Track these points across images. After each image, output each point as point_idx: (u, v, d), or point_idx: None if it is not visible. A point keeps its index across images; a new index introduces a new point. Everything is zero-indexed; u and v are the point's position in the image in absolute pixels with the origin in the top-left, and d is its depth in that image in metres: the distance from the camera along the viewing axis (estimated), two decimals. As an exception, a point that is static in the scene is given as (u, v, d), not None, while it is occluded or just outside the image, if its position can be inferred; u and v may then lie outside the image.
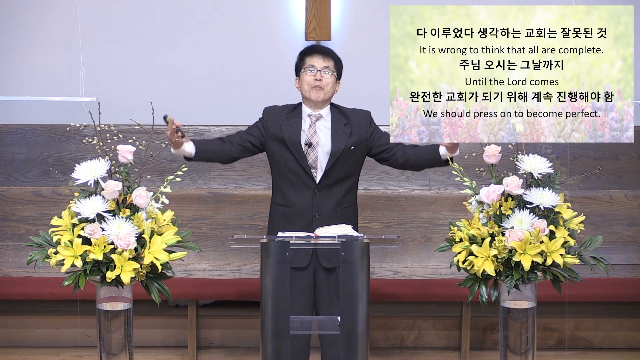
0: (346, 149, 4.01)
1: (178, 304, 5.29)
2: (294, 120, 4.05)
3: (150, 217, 3.54)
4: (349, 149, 4.02)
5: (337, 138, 4.02)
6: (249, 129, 4.13)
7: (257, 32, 5.60)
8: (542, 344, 5.02)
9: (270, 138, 4.05)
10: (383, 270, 5.26)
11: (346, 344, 3.45)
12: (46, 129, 5.43)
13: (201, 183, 5.41)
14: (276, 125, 4.05)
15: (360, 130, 4.05)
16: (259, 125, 4.11)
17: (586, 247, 3.64)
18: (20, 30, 5.57)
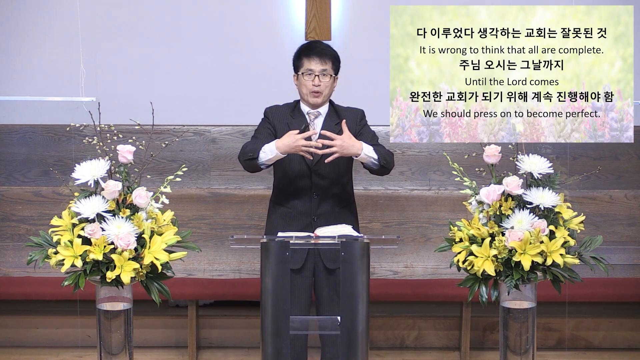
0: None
1: (178, 304, 5.28)
2: (299, 118, 4.04)
3: (150, 217, 3.54)
4: None
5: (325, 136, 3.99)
6: (261, 131, 4.06)
7: (257, 32, 5.60)
8: (542, 344, 5.02)
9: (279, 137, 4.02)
10: (383, 270, 5.26)
11: (346, 344, 3.45)
12: (46, 129, 5.43)
13: (201, 183, 5.41)
14: (284, 125, 4.03)
15: (350, 126, 4.01)
16: (267, 126, 4.06)
17: (586, 247, 3.64)
18: (20, 30, 5.57)
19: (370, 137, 4.02)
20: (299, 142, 3.81)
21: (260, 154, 3.89)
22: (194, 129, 5.41)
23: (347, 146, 3.85)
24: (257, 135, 4.07)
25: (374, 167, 3.92)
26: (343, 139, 3.85)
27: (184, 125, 5.39)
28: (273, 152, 3.86)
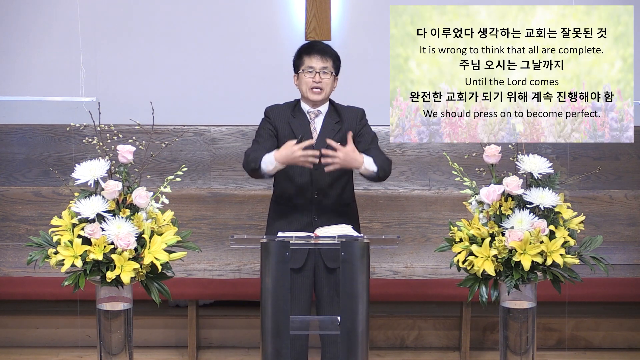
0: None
1: (178, 304, 5.28)
2: (300, 118, 4.04)
3: (150, 217, 3.54)
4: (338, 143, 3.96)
5: (325, 134, 3.99)
6: (262, 132, 4.05)
7: (257, 32, 5.60)
8: (542, 344, 5.02)
9: (280, 137, 4.02)
10: (383, 270, 5.25)
11: (346, 344, 3.45)
12: (46, 129, 5.43)
13: (201, 183, 5.41)
14: (285, 124, 4.02)
15: (350, 125, 4.01)
16: (268, 126, 4.05)
17: (586, 247, 3.64)
18: (20, 30, 5.57)
19: (370, 139, 4.03)
20: (297, 153, 3.79)
21: (262, 165, 3.88)
22: (194, 129, 5.41)
23: (349, 160, 3.83)
24: (258, 140, 4.05)
25: (371, 177, 3.93)
26: (347, 152, 3.83)
27: (184, 125, 5.39)
28: (272, 164, 3.84)
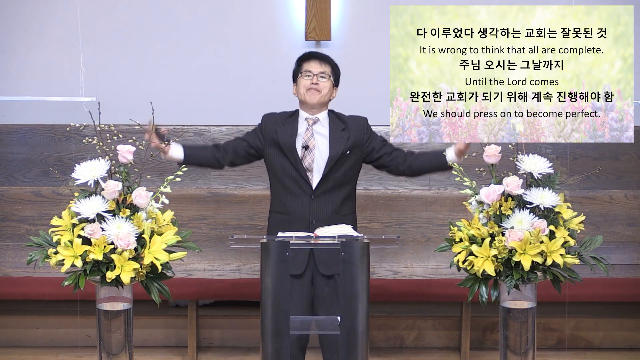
0: (344, 152, 4.01)
1: (178, 304, 5.29)
2: (290, 125, 4.05)
3: (150, 217, 3.54)
4: (346, 153, 4.01)
5: (335, 142, 4.01)
6: (246, 135, 4.13)
7: (257, 32, 5.60)
8: (542, 344, 5.02)
9: (268, 144, 4.06)
10: (383, 271, 5.25)
11: (346, 344, 3.45)
12: (46, 129, 5.43)
13: (201, 183, 5.41)
14: (272, 131, 4.05)
15: (357, 135, 4.05)
16: (257, 132, 4.11)
17: (586, 247, 3.64)
18: (20, 30, 5.57)
19: (380, 141, 4.07)
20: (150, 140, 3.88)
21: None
22: (194, 129, 5.41)
23: None
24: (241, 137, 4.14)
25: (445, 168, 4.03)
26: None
27: (184, 125, 5.39)
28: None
